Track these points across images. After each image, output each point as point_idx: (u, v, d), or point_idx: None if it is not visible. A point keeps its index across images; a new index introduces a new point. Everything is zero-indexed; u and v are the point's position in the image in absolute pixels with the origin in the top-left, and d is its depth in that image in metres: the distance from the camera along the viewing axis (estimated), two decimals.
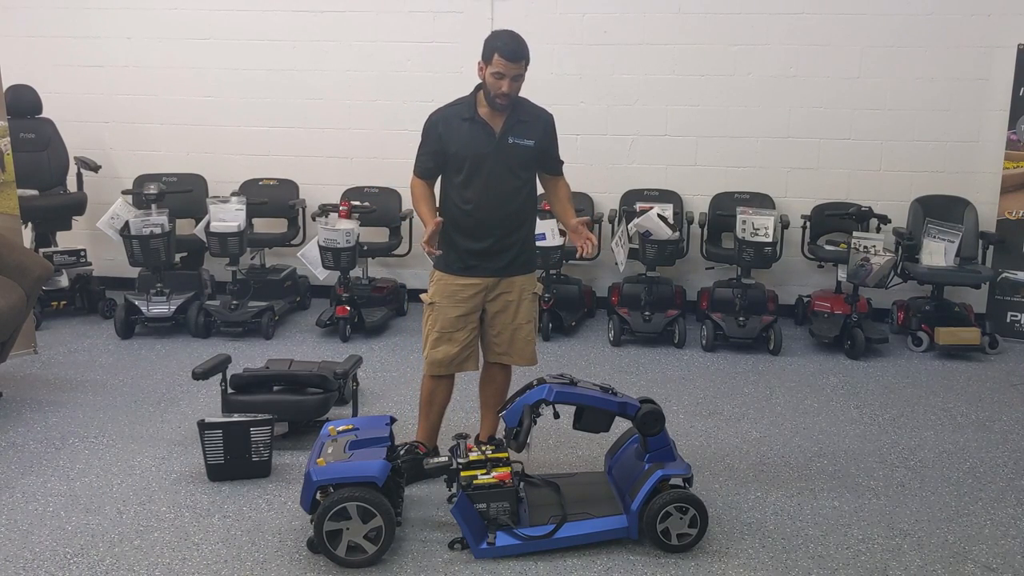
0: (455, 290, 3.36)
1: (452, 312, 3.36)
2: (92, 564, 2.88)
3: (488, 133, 3.28)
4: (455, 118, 3.30)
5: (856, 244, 5.07)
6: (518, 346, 3.46)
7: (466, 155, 3.28)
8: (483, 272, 3.35)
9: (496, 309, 3.41)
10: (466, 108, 3.30)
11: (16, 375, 4.66)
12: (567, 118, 5.94)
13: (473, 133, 3.28)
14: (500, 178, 3.29)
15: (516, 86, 3.22)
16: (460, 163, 3.29)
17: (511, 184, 3.31)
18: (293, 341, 5.39)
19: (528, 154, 3.34)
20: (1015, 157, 5.55)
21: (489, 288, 3.38)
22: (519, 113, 3.32)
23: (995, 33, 5.53)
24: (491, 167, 3.28)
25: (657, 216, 5.25)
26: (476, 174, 3.28)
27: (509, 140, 3.29)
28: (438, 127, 3.32)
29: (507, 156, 3.29)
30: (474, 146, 3.27)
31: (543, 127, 3.39)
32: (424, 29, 5.91)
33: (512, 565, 2.91)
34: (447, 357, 3.39)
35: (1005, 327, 5.57)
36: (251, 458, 3.48)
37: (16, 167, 5.04)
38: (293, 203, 6.08)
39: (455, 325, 3.37)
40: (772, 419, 4.23)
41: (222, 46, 6.17)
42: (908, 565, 2.94)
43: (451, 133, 3.29)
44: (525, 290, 3.43)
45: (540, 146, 3.37)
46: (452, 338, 3.38)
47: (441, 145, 3.31)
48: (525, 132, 3.32)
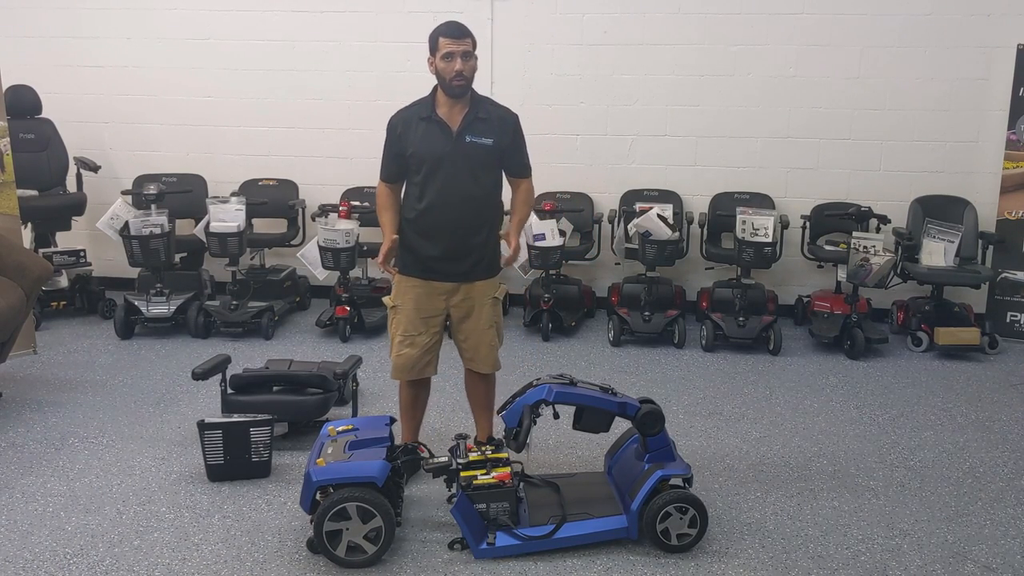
0: (416, 293, 3.32)
1: (414, 315, 3.32)
2: (92, 564, 2.88)
3: (445, 132, 3.21)
4: (414, 118, 3.25)
5: (856, 244, 5.07)
6: (481, 352, 3.40)
7: (424, 155, 3.22)
8: (443, 276, 3.30)
9: (460, 315, 3.36)
10: (424, 108, 3.25)
11: (16, 375, 4.66)
12: (567, 118, 6.02)
13: (430, 132, 3.21)
14: (458, 179, 3.21)
15: (469, 65, 3.16)
16: (418, 164, 3.24)
17: (470, 186, 3.22)
18: (293, 341, 5.39)
19: (487, 153, 3.25)
20: (1015, 157, 5.55)
21: (451, 292, 3.32)
22: (478, 111, 3.25)
23: (995, 33, 5.53)
24: (449, 168, 3.20)
25: (657, 216, 5.25)
26: (433, 175, 3.21)
27: (467, 139, 3.21)
28: (398, 128, 3.27)
29: (465, 156, 3.21)
30: (431, 146, 3.21)
31: (503, 126, 3.29)
32: (424, 29, 5.78)
33: (512, 565, 2.91)
34: (409, 361, 3.36)
35: (1005, 327, 5.57)
36: (251, 458, 3.48)
37: (16, 167, 5.04)
38: (293, 203, 6.08)
39: (416, 328, 3.33)
40: (772, 419, 4.23)
41: (222, 46, 6.17)
42: (908, 565, 2.94)
43: (409, 133, 3.24)
44: (486, 295, 3.36)
45: (500, 145, 3.27)
46: (414, 342, 3.34)
47: (402, 146, 3.26)
48: (484, 130, 3.23)
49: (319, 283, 5.99)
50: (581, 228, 5.90)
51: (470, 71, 3.18)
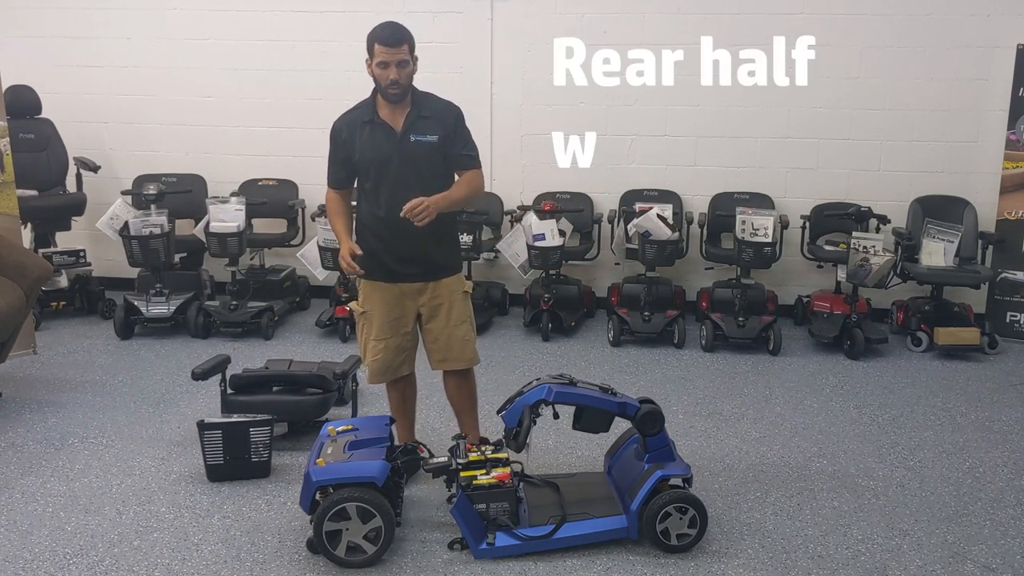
0: (383, 297, 3.30)
1: (383, 318, 3.31)
2: (91, 564, 2.88)
3: (389, 134, 3.19)
4: (356, 123, 3.22)
5: (855, 244, 5.07)
6: (455, 349, 3.36)
7: (370, 159, 3.20)
8: (407, 278, 3.28)
9: (429, 315, 3.34)
10: (366, 111, 3.22)
11: (16, 375, 4.65)
12: (567, 118, 6.01)
13: (374, 136, 3.19)
14: (408, 180, 3.17)
15: (404, 73, 3.11)
16: (366, 168, 3.22)
17: (421, 186, 3.15)
18: (292, 341, 5.39)
19: (433, 151, 3.20)
20: (1014, 157, 5.55)
21: (419, 292, 3.30)
22: (421, 109, 3.20)
23: (995, 33, 5.53)
24: (397, 169, 3.18)
25: (656, 216, 5.25)
26: (383, 178, 3.19)
27: (411, 139, 3.18)
28: (342, 134, 3.24)
29: (411, 156, 3.18)
30: (376, 149, 3.19)
31: (445, 118, 3.23)
32: (424, 29, 5.84)
33: (512, 565, 2.91)
34: (384, 365, 3.35)
35: (1004, 327, 5.57)
36: (251, 458, 3.48)
37: (15, 167, 5.04)
38: (292, 203, 6.08)
39: (386, 332, 3.32)
40: (772, 419, 4.23)
41: (222, 46, 6.16)
42: (908, 565, 2.94)
43: (354, 139, 3.22)
44: (455, 291, 3.34)
45: (444, 141, 3.21)
46: (387, 344, 3.33)
47: (347, 152, 3.24)
48: (427, 128, 3.19)
49: (319, 283, 5.99)
50: (581, 228, 5.90)
51: (406, 78, 3.14)
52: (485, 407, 4.11)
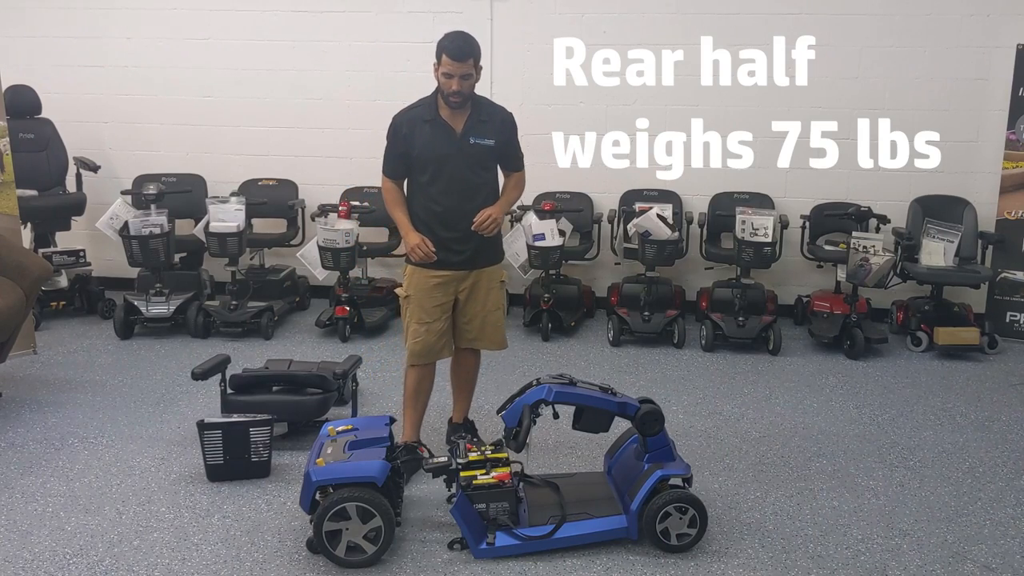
0: (428, 282, 3.49)
1: (428, 303, 3.50)
2: (91, 564, 2.88)
3: (449, 134, 3.39)
4: (418, 120, 3.41)
5: (855, 244, 5.07)
6: (488, 332, 3.61)
7: (429, 156, 3.39)
8: (453, 265, 3.48)
9: (466, 298, 3.54)
10: (427, 110, 3.41)
11: (15, 375, 4.66)
12: (567, 118, 6.01)
13: (435, 134, 3.38)
14: (463, 177, 3.41)
15: (466, 84, 3.32)
16: (424, 164, 3.41)
17: (474, 182, 3.43)
18: (292, 341, 5.39)
19: (489, 153, 3.47)
20: (1014, 157, 5.55)
21: (460, 279, 3.51)
22: (479, 113, 3.43)
23: (994, 33, 5.53)
24: (454, 167, 3.39)
25: (656, 216, 5.25)
26: (440, 174, 3.40)
27: (470, 140, 3.40)
28: (402, 129, 3.42)
29: (469, 156, 3.41)
30: (437, 147, 3.38)
31: (503, 126, 3.50)
32: (423, 29, 5.90)
33: (512, 565, 2.91)
34: (426, 347, 3.52)
35: (1004, 327, 5.57)
36: (250, 458, 3.48)
37: (15, 167, 5.04)
38: (292, 203, 6.08)
39: (431, 315, 3.50)
40: (772, 419, 4.23)
41: (222, 46, 6.17)
42: (907, 565, 2.95)
43: (414, 135, 3.40)
44: (493, 279, 3.58)
45: (500, 145, 3.48)
46: (430, 328, 3.51)
47: (406, 146, 3.42)
48: (486, 132, 3.43)
49: (319, 283, 5.99)
50: (581, 228, 5.90)
51: (468, 88, 3.35)
52: (485, 407, 4.12)
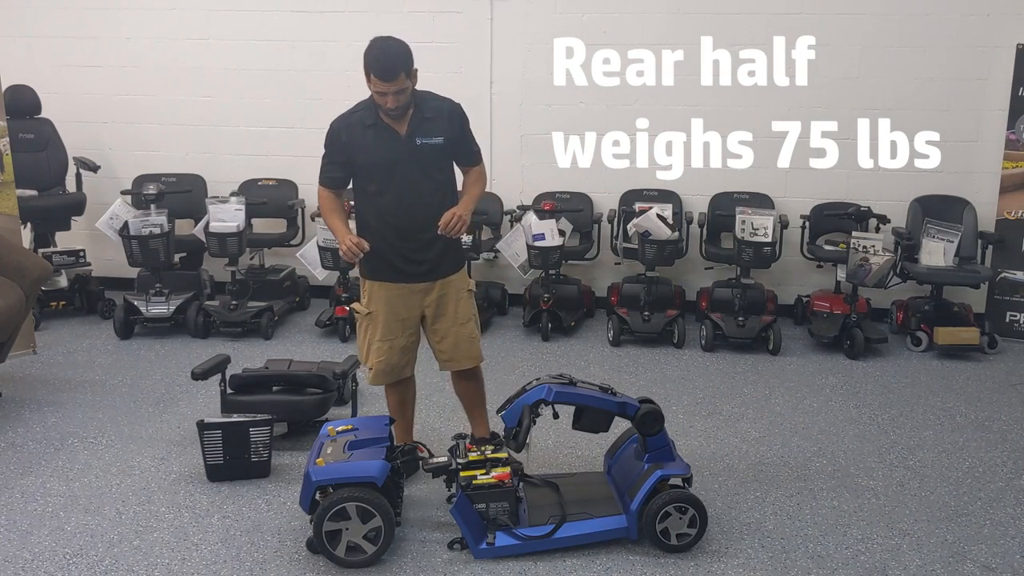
0: (389, 297, 3.29)
1: (389, 319, 3.29)
2: (91, 564, 2.88)
3: (393, 137, 3.16)
4: (358, 125, 3.19)
5: (855, 244, 5.07)
6: (463, 348, 3.37)
7: (375, 163, 3.18)
8: (414, 277, 3.27)
9: (434, 314, 3.33)
10: (368, 114, 3.18)
11: (15, 375, 4.66)
12: (567, 118, 6.02)
13: (378, 139, 3.16)
14: (414, 182, 3.19)
15: (402, 97, 3.07)
16: (370, 173, 3.20)
17: (426, 186, 3.21)
18: (292, 341, 5.39)
19: (439, 152, 3.22)
20: (1014, 157, 5.55)
21: (424, 292, 3.30)
22: (423, 111, 3.18)
23: (994, 33, 5.53)
24: (403, 172, 3.17)
25: (656, 216, 5.25)
26: (389, 182, 3.18)
27: (417, 141, 3.16)
28: (341, 136, 3.21)
29: (418, 159, 3.17)
30: (381, 153, 3.16)
31: (451, 120, 3.23)
32: (423, 29, 5.90)
33: (512, 565, 2.91)
34: (388, 366, 3.33)
35: (1004, 327, 5.57)
36: (250, 458, 3.48)
37: (15, 167, 5.05)
38: (292, 203, 6.07)
39: (393, 332, 3.30)
40: (771, 419, 4.23)
41: (221, 46, 6.16)
42: (907, 565, 2.95)
43: (355, 141, 3.19)
44: (460, 289, 3.35)
45: (450, 141, 3.23)
46: (392, 345, 3.31)
47: (347, 155, 3.21)
48: (432, 130, 3.18)
49: (318, 283, 5.99)
50: (581, 228, 5.90)
51: (404, 100, 3.10)
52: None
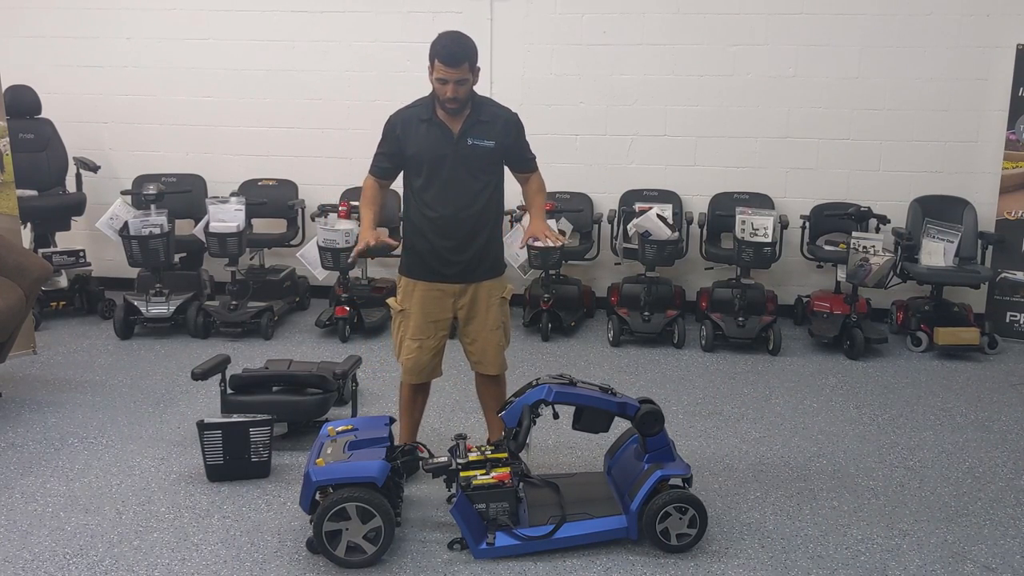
0: (424, 297, 3.32)
1: (422, 319, 3.32)
2: (91, 564, 2.88)
3: (446, 134, 3.21)
4: (414, 119, 3.24)
5: (855, 244, 5.07)
6: (490, 354, 3.41)
7: (424, 157, 3.22)
8: (449, 278, 3.30)
9: (466, 316, 3.36)
10: (424, 109, 3.24)
11: (15, 375, 4.66)
12: (567, 118, 6.02)
13: (431, 135, 3.21)
14: (460, 180, 3.23)
15: (462, 89, 3.13)
16: (419, 166, 3.25)
17: (472, 186, 3.24)
18: (292, 341, 5.39)
19: (488, 155, 3.26)
20: (1014, 157, 5.55)
21: (458, 294, 3.32)
22: (479, 113, 3.24)
23: (994, 33, 5.54)
24: (450, 169, 3.21)
25: (656, 216, 5.25)
26: (435, 177, 3.22)
27: (468, 141, 3.21)
28: (396, 128, 3.27)
29: (466, 158, 3.22)
30: (432, 148, 3.21)
31: (506, 127, 3.30)
32: (423, 29, 5.85)
33: (512, 565, 2.91)
34: (418, 364, 3.36)
35: (1004, 327, 5.57)
36: (250, 458, 3.48)
37: (15, 167, 5.04)
38: (292, 203, 6.08)
39: (425, 332, 3.33)
40: (771, 419, 4.23)
41: (222, 46, 6.17)
42: (907, 565, 2.95)
43: (409, 135, 3.24)
44: (492, 295, 3.38)
45: (501, 146, 3.28)
46: (423, 345, 3.34)
47: (399, 147, 3.26)
48: (485, 133, 3.23)
49: (319, 283, 5.99)
50: (581, 228, 5.90)
51: (464, 94, 3.16)
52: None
